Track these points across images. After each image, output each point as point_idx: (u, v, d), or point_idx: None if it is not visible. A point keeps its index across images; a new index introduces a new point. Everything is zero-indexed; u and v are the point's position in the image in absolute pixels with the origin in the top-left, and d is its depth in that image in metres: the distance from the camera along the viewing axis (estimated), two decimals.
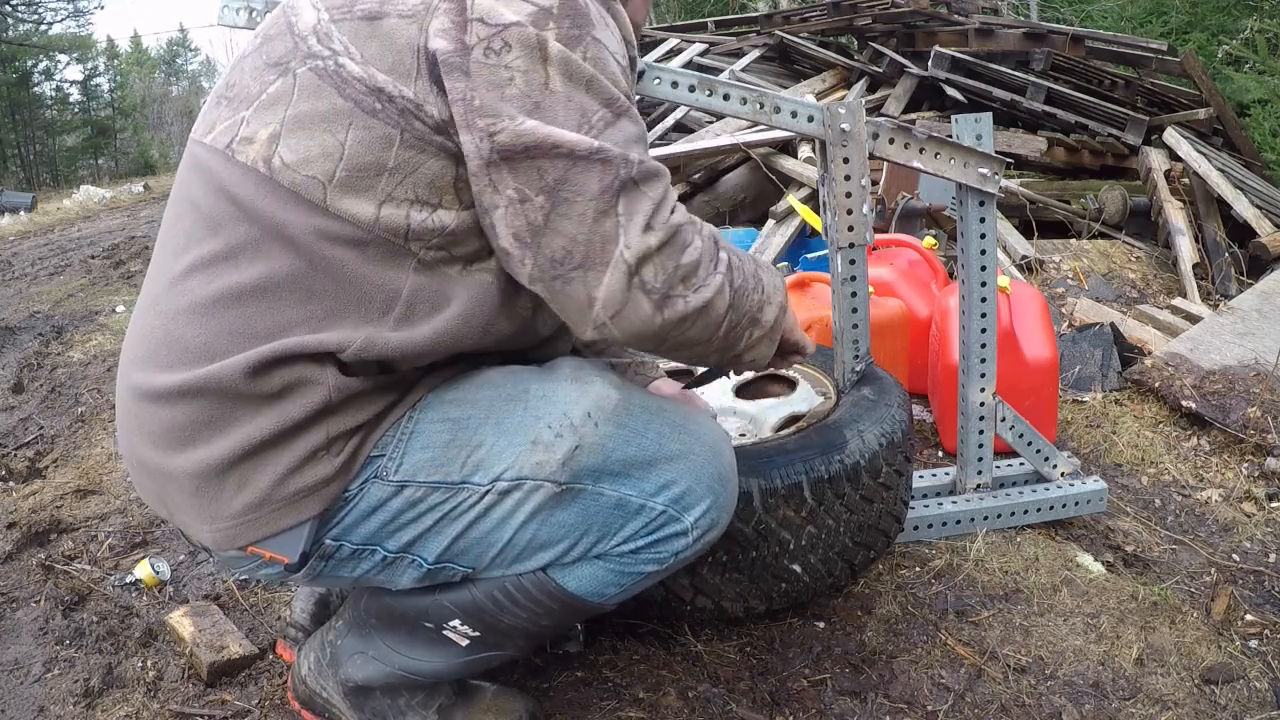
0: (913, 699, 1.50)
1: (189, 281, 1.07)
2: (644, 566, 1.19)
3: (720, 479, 1.20)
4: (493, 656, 1.28)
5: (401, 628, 1.27)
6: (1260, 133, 5.16)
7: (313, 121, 1.03)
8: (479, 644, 1.24)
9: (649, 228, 1.06)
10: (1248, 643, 1.66)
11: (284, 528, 1.08)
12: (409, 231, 1.05)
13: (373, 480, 1.11)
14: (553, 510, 1.13)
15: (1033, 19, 8.27)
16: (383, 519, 1.12)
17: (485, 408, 1.15)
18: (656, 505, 1.16)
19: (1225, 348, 2.79)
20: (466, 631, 1.23)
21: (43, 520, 2.23)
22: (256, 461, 1.06)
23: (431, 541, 1.13)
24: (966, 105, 5.04)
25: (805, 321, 2.47)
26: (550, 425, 1.13)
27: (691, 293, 1.09)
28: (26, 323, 4.35)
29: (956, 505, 1.97)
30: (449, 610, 1.22)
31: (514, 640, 1.25)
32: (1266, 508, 2.15)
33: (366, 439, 1.11)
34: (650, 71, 1.66)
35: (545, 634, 1.27)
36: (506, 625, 1.21)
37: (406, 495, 1.11)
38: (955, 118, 1.82)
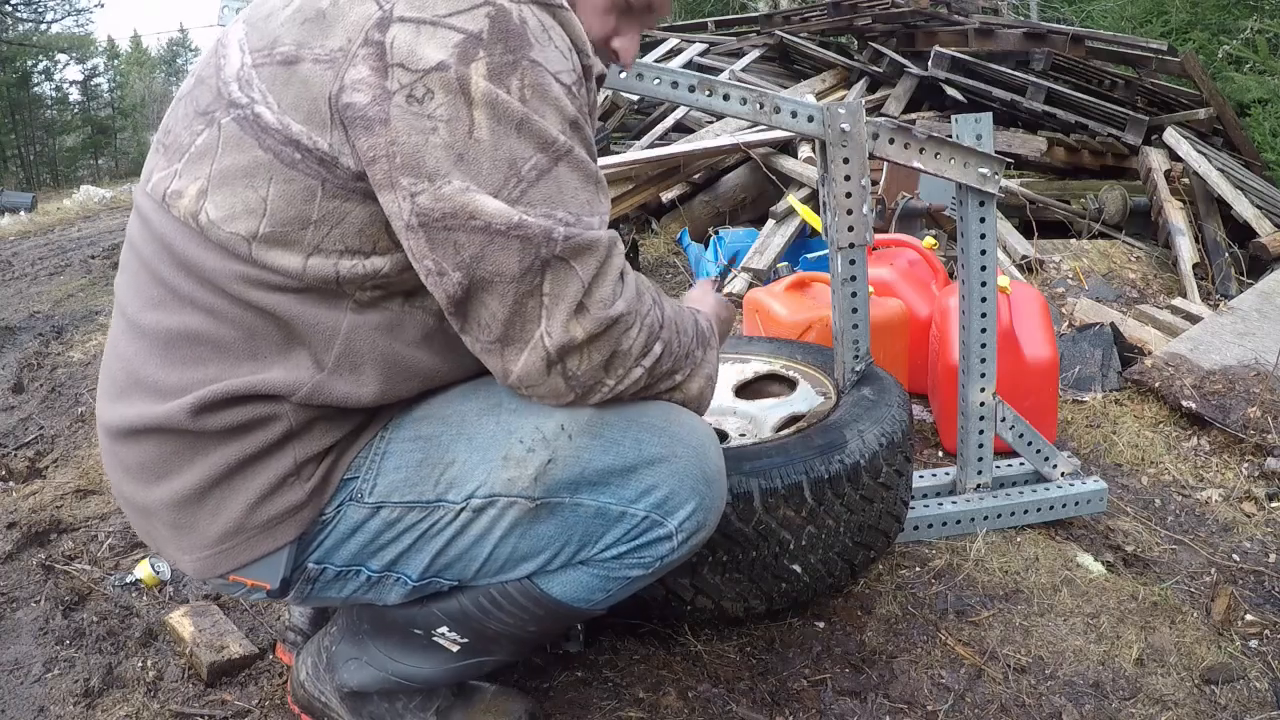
0: (913, 699, 1.50)
1: (143, 321, 1.07)
2: (630, 571, 1.17)
3: (706, 480, 1.17)
4: (484, 662, 1.28)
5: (393, 634, 1.27)
6: (1260, 133, 5.16)
7: (236, 176, 1.01)
8: (469, 650, 1.24)
9: (579, 312, 1.02)
10: (1248, 643, 1.67)
11: (261, 554, 1.08)
12: (339, 279, 1.02)
13: (348, 503, 1.10)
14: (531, 524, 1.11)
15: (1033, 19, 8.28)
16: (362, 540, 1.11)
17: (457, 424, 1.13)
18: (638, 511, 1.14)
19: (1225, 348, 2.79)
20: (455, 638, 1.22)
21: (43, 520, 2.23)
22: (226, 490, 1.06)
23: (414, 559, 1.13)
24: (966, 105, 5.05)
25: (805, 321, 2.47)
26: (522, 440, 1.10)
27: (615, 380, 1.08)
28: (26, 323, 4.35)
29: (956, 505, 1.97)
30: (437, 618, 1.21)
31: (503, 646, 1.24)
32: (1266, 508, 2.15)
33: (338, 462, 1.10)
34: (650, 71, 1.66)
35: (534, 639, 1.26)
36: (494, 631, 1.20)
37: (384, 516, 1.10)
38: (955, 118, 1.82)
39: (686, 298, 1.49)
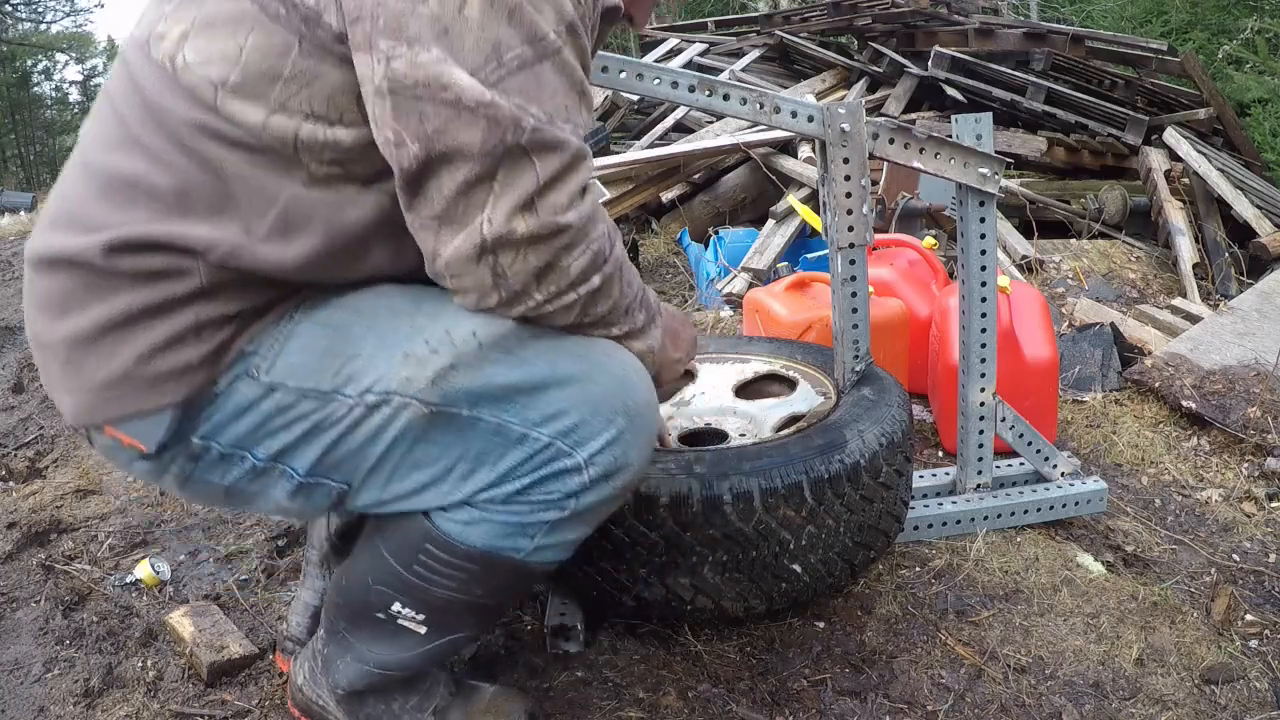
0: (913, 699, 1.50)
1: (93, 160, 1.06)
2: (544, 514, 1.11)
3: (626, 412, 1.09)
4: (455, 640, 1.25)
5: (364, 624, 1.25)
6: (1260, 133, 5.16)
7: (219, 23, 1.00)
8: (433, 627, 1.21)
9: (527, 209, 0.98)
10: (1248, 643, 1.67)
11: (143, 409, 1.04)
12: (297, 142, 1.00)
13: (244, 378, 1.06)
14: (425, 431, 1.07)
15: (1033, 19, 8.28)
16: (252, 422, 1.07)
17: (369, 318, 1.09)
18: (541, 436, 1.08)
19: (1225, 348, 2.79)
20: (412, 615, 1.19)
21: (43, 520, 2.23)
22: (123, 336, 1.02)
23: (302, 452, 1.08)
24: (966, 105, 5.04)
25: (805, 321, 2.47)
26: (428, 340, 1.06)
27: (545, 297, 1.04)
28: None
29: (956, 505, 1.97)
30: (385, 594, 1.19)
31: (462, 617, 1.21)
32: (1266, 508, 2.15)
33: (241, 331, 1.06)
34: (650, 71, 1.66)
35: (489, 605, 1.22)
36: (443, 599, 1.17)
37: (277, 399, 1.06)
38: (955, 118, 1.82)
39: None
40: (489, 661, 1.63)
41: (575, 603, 1.67)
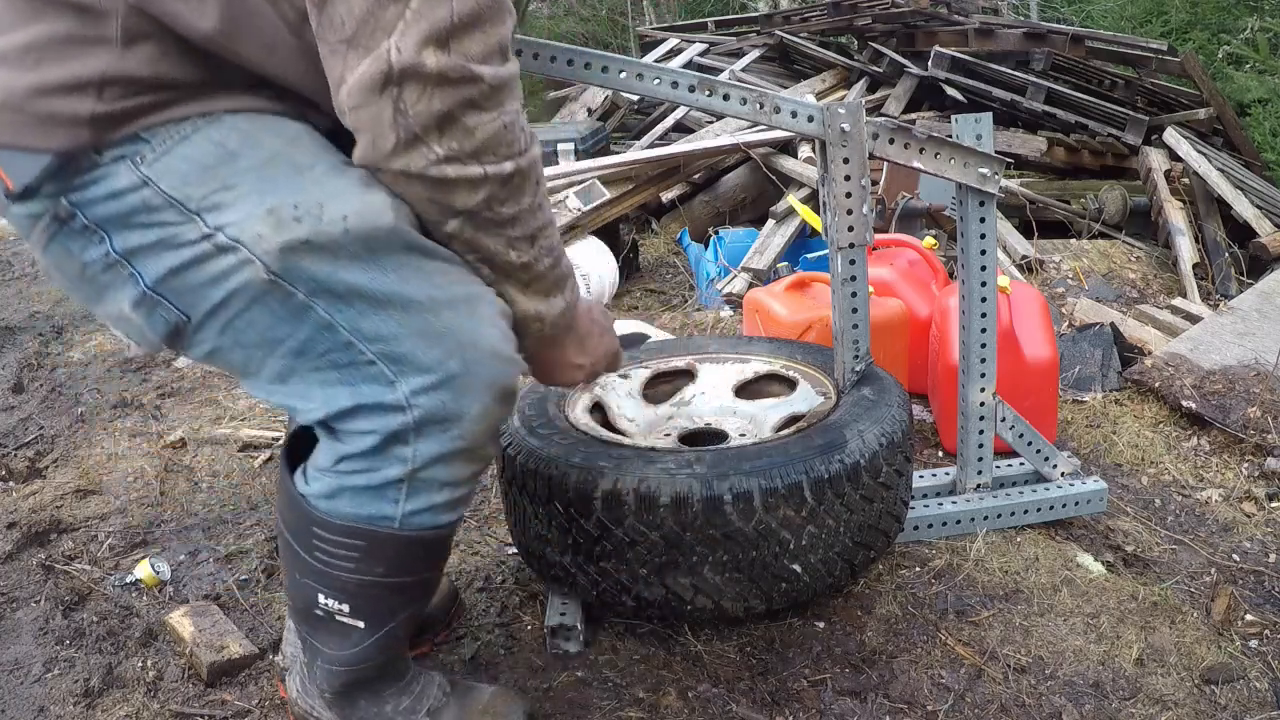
0: (913, 699, 1.50)
1: None
2: (386, 469, 1.08)
3: (465, 358, 1.06)
4: (392, 630, 1.25)
5: (312, 625, 1.26)
6: (1260, 133, 5.15)
7: None
8: (363, 618, 1.21)
9: (440, 44, 0.95)
10: (1248, 643, 1.67)
11: (22, 143, 1.01)
12: None
13: (125, 160, 1.02)
14: (261, 296, 1.04)
15: (1033, 19, 8.28)
16: (119, 208, 1.03)
17: (265, 156, 1.04)
18: (366, 351, 1.04)
19: (1225, 348, 2.79)
20: (339, 607, 1.20)
21: (43, 520, 2.23)
22: (29, 63, 1.00)
23: (152, 260, 1.05)
24: (966, 105, 5.04)
25: (805, 321, 2.47)
26: (298, 205, 1.02)
27: (445, 153, 0.99)
28: (26, 323, 4.34)
29: (956, 505, 1.97)
30: (309, 587, 1.20)
31: (387, 603, 1.22)
32: (1266, 508, 2.15)
33: (141, 114, 1.02)
34: (650, 71, 1.66)
35: (408, 585, 1.21)
36: (354, 585, 1.17)
37: (145, 195, 1.02)
38: (955, 118, 1.82)
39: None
40: (489, 661, 1.63)
41: (575, 603, 1.67)
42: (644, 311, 3.88)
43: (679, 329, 3.57)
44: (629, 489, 1.47)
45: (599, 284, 3.74)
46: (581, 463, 1.53)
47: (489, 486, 2.30)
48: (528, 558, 1.68)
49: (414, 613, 1.28)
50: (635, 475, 1.48)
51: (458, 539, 2.05)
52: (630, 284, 4.25)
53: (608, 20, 12.51)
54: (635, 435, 1.85)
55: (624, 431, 1.85)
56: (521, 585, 1.86)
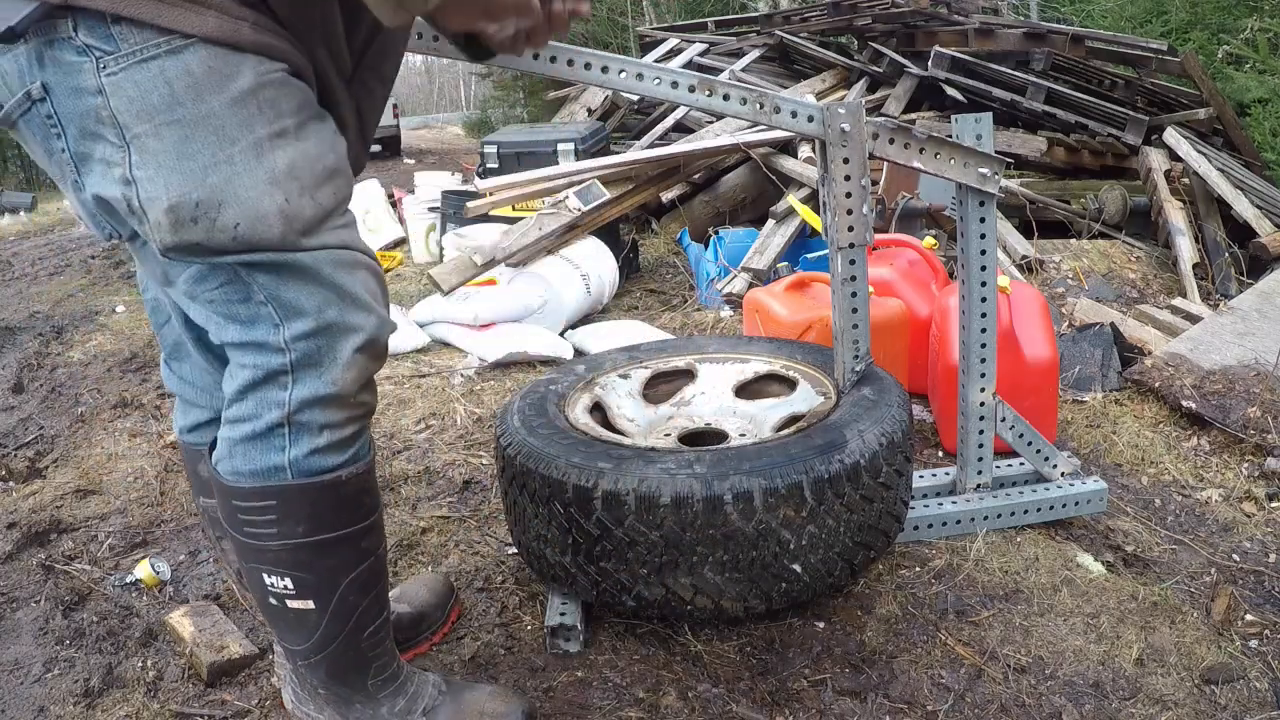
0: (913, 699, 1.50)
1: None
2: (266, 411, 1.15)
3: (346, 317, 1.15)
4: (344, 605, 1.26)
5: (273, 620, 1.30)
6: (1260, 133, 5.15)
7: None
8: (313, 594, 1.24)
9: None
10: (1248, 643, 1.66)
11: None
12: None
13: (90, 57, 1.03)
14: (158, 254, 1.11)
15: (1033, 19, 8.28)
16: (75, 108, 1.05)
17: (200, 114, 1.06)
18: (259, 293, 1.13)
19: (1225, 348, 2.79)
20: (284, 586, 1.23)
21: (43, 520, 2.23)
22: None
23: (89, 177, 1.08)
24: (966, 105, 5.04)
25: (805, 321, 2.47)
26: (200, 203, 1.07)
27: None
28: (26, 323, 4.35)
29: (956, 505, 1.97)
30: (254, 570, 1.24)
31: (321, 572, 1.23)
32: (1266, 508, 2.15)
33: (125, 16, 1.01)
34: (650, 71, 1.66)
35: (330, 543, 1.23)
36: (287, 555, 1.21)
37: (96, 105, 1.04)
38: (955, 118, 1.82)
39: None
40: (489, 661, 1.63)
41: (575, 603, 1.67)
42: (644, 311, 3.88)
43: (679, 329, 3.57)
44: (629, 489, 1.47)
45: (599, 284, 3.74)
46: (581, 463, 1.53)
47: (489, 486, 2.30)
48: (528, 558, 1.68)
49: (360, 584, 1.27)
50: (635, 475, 1.48)
51: (458, 539, 2.06)
52: (630, 284, 4.25)
53: (608, 20, 12.52)
54: (635, 435, 1.85)
55: (624, 431, 1.85)
56: (521, 585, 1.86)
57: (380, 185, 6.44)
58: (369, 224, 5.96)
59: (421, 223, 5.34)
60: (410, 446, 2.58)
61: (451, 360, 3.32)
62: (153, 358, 3.53)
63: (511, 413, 1.76)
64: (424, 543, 2.06)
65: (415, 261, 5.30)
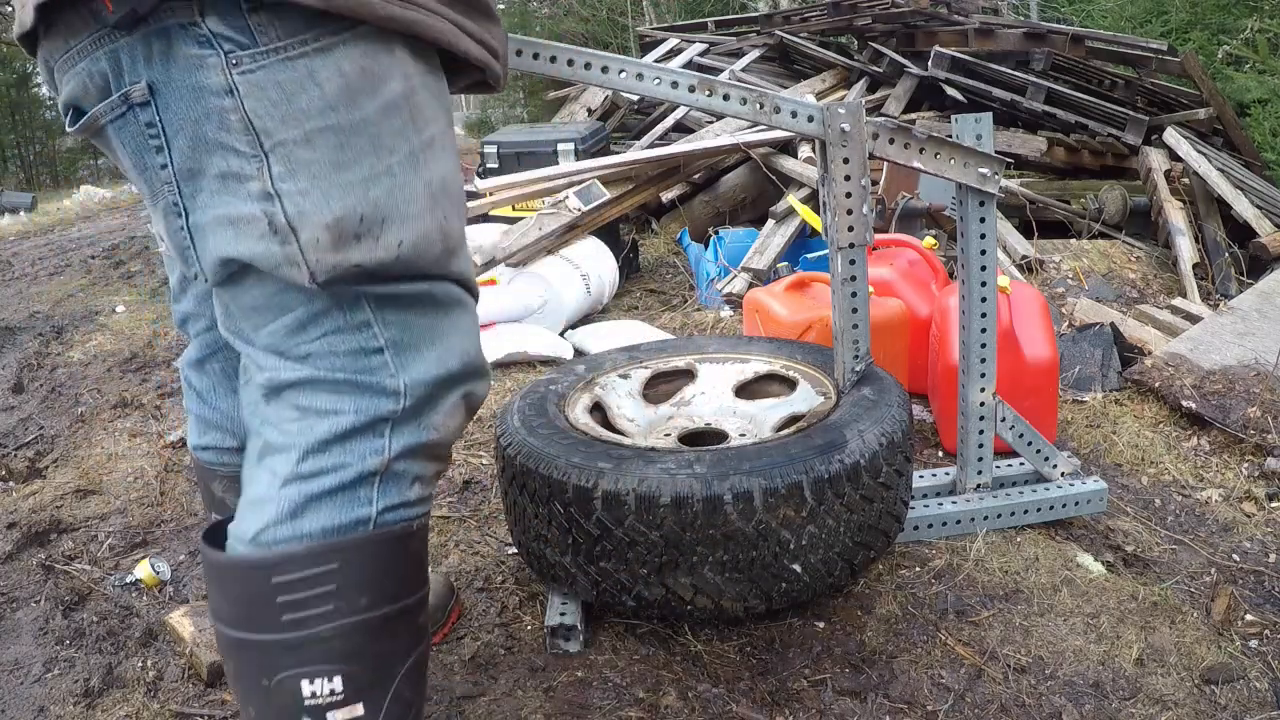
0: (913, 699, 1.50)
1: None
2: (362, 459, 0.98)
3: (465, 365, 1.04)
4: (398, 701, 1.03)
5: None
6: (1260, 133, 5.15)
7: None
8: (366, 691, 1.01)
9: None
10: (1248, 643, 1.66)
11: None
12: None
13: (218, 51, 0.89)
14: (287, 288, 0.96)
15: (1033, 19, 8.28)
16: (191, 112, 0.91)
17: (356, 120, 0.94)
18: (379, 337, 0.99)
19: (1225, 348, 2.79)
20: (330, 688, 0.98)
21: (43, 520, 2.23)
22: None
23: (201, 198, 0.94)
24: (966, 105, 5.04)
25: (805, 321, 2.47)
26: (364, 218, 0.95)
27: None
28: (26, 323, 4.34)
29: (956, 505, 1.97)
30: (286, 681, 0.98)
31: (378, 659, 1.01)
32: (1266, 508, 2.15)
33: (260, 8, 0.89)
34: (650, 71, 1.66)
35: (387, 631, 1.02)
36: (338, 639, 0.98)
37: (224, 107, 0.90)
38: (955, 118, 1.82)
39: None
40: (489, 661, 1.63)
41: (575, 603, 1.67)
42: (644, 311, 3.88)
43: (679, 329, 3.57)
44: (629, 489, 1.47)
45: (599, 284, 3.74)
46: (581, 463, 1.53)
47: (489, 487, 2.30)
48: (528, 558, 1.68)
49: (414, 677, 1.06)
50: (635, 475, 1.48)
51: (458, 539, 2.06)
52: (630, 284, 4.25)
53: (608, 20, 12.51)
54: (635, 435, 1.85)
55: (624, 431, 1.85)
56: (521, 585, 1.86)
57: None
58: None
59: None
60: None
61: None
62: (153, 357, 3.53)
63: (511, 413, 1.76)
64: None
65: None
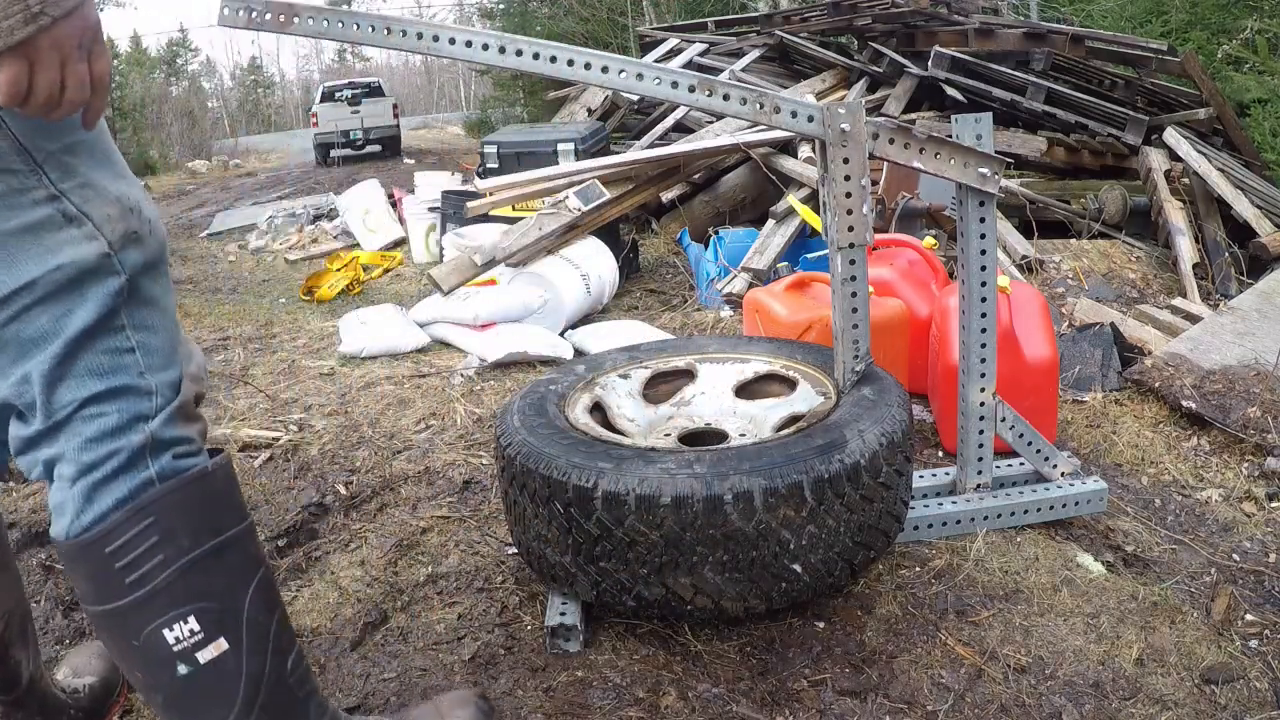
0: (913, 699, 1.50)
1: None
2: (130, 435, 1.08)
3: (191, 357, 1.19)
4: (252, 627, 1.15)
5: (201, 701, 1.14)
6: (1260, 133, 5.15)
7: None
8: (219, 623, 1.12)
9: None
10: (1248, 643, 1.66)
11: None
12: None
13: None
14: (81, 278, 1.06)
15: (1033, 19, 8.28)
16: None
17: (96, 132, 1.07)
18: (131, 340, 1.09)
19: (1225, 348, 2.79)
20: (190, 629, 1.10)
21: (43, 520, 2.23)
22: None
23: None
24: (966, 105, 5.04)
25: (805, 321, 2.47)
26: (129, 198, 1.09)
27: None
28: None
29: (956, 505, 1.97)
30: (152, 637, 1.09)
31: (219, 590, 1.12)
32: (1266, 508, 2.15)
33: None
34: (650, 71, 1.66)
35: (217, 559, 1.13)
36: (177, 581, 1.10)
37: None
38: (955, 118, 1.82)
39: None
40: (489, 661, 1.63)
41: (575, 603, 1.67)
42: (644, 311, 3.88)
43: (679, 329, 3.57)
44: (629, 489, 1.47)
45: (599, 284, 3.74)
46: (581, 463, 1.53)
47: (489, 486, 2.30)
48: (528, 558, 1.68)
49: (263, 599, 1.17)
50: (635, 475, 1.48)
51: (458, 539, 2.06)
52: (630, 284, 4.25)
53: (608, 20, 12.51)
54: (635, 435, 1.85)
55: (624, 431, 1.85)
56: (521, 585, 1.86)
57: (380, 185, 6.45)
58: (369, 224, 5.96)
59: (421, 223, 5.35)
60: (410, 446, 2.58)
61: (451, 360, 3.32)
62: None
63: (511, 413, 1.76)
64: (424, 543, 2.06)
65: (415, 261, 5.30)
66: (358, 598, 1.85)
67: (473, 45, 1.61)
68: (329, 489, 2.34)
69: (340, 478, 2.40)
